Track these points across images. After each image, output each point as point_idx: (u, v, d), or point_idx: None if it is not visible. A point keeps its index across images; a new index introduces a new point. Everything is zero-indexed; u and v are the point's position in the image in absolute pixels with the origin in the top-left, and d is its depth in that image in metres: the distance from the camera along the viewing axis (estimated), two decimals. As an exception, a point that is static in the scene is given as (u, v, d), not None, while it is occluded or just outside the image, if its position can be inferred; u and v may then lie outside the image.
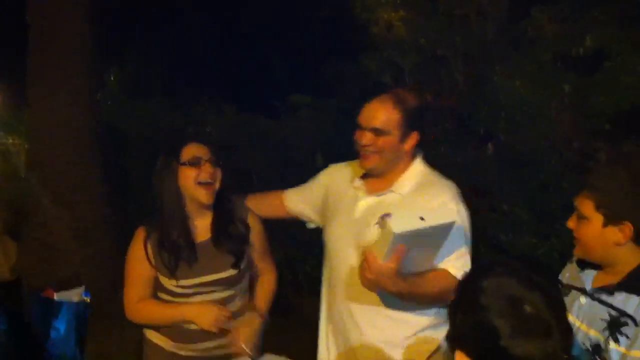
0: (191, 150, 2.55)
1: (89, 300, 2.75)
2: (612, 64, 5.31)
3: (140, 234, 2.63)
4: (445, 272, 2.34)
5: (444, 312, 2.45)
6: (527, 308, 1.29)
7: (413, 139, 2.49)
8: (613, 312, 1.93)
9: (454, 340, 1.39)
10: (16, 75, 5.84)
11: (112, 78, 7.23)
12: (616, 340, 1.90)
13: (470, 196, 5.37)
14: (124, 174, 6.21)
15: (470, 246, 2.44)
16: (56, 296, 2.66)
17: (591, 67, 5.41)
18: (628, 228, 1.90)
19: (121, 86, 7.47)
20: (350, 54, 6.65)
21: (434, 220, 2.15)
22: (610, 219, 1.92)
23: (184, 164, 2.53)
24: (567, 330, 1.35)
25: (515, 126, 5.57)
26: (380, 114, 2.45)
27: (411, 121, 2.46)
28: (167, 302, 2.62)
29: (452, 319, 1.40)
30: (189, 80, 7.78)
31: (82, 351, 2.74)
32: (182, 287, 2.57)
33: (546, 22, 5.75)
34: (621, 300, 1.92)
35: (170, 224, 2.56)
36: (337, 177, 2.76)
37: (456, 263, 2.35)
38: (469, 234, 2.45)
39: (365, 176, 2.61)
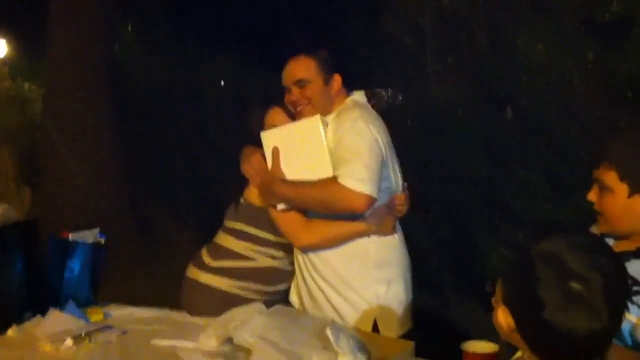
0: (273, 119, 2.76)
1: (104, 241, 2.74)
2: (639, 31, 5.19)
3: None
4: (332, 179, 2.47)
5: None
6: (577, 286, 1.24)
7: (336, 81, 2.68)
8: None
9: (503, 298, 1.37)
10: (34, 24, 5.83)
11: (129, 29, 7.20)
12: (627, 310, 1.87)
13: (487, 161, 5.37)
14: (138, 122, 6.22)
15: (377, 162, 2.50)
16: (71, 236, 2.66)
17: (617, 34, 5.30)
18: None
19: (136, 38, 7.45)
20: (371, 15, 6.56)
21: (297, 122, 2.60)
22: (636, 188, 1.87)
23: None
24: (619, 319, 1.30)
25: (536, 92, 5.49)
26: (298, 67, 2.68)
27: (327, 66, 2.68)
28: None
29: (505, 278, 1.37)
30: (205, 35, 7.70)
31: (95, 293, 2.75)
32: None
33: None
34: (637, 268, 1.84)
35: None
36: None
37: (342, 170, 2.45)
38: (362, 145, 2.49)
39: None
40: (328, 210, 2.54)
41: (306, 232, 2.60)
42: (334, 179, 2.45)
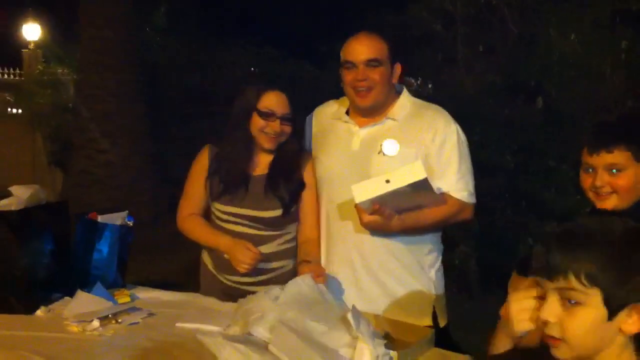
0: (269, 101, 2.56)
1: (132, 224, 2.77)
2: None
3: (205, 151, 2.70)
4: (447, 197, 2.48)
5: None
6: None
7: (398, 70, 2.58)
8: None
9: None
10: (67, 10, 5.92)
11: (159, 15, 7.28)
12: None
13: (516, 152, 5.31)
14: (164, 108, 6.28)
15: (470, 166, 2.56)
16: (100, 218, 2.69)
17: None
18: None
19: (163, 25, 7.51)
20: (398, 2, 6.49)
21: (399, 181, 2.23)
22: None
23: (258, 111, 2.57)
24: None
25: (567, 82, 5.42)
26: (372, 45, 2.49)
27: (394, 52, 2.55)
28: (216, 224, 2.68)
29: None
30: (231, 20, 7.71)
31: (123, 275, 2.78)
32: (223, 212, 2.64)
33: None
34: None
35: (231, 150, 2.63)
36: (322, 116, 2.76)
37: (457, 185, 2.50)
38: (466, 154, 2.55)
39: (349, 112, 2.65)
40: (445, 225, 2.63)
41: (185, 222, 2.73)
42: (448, 197, 2.49)
